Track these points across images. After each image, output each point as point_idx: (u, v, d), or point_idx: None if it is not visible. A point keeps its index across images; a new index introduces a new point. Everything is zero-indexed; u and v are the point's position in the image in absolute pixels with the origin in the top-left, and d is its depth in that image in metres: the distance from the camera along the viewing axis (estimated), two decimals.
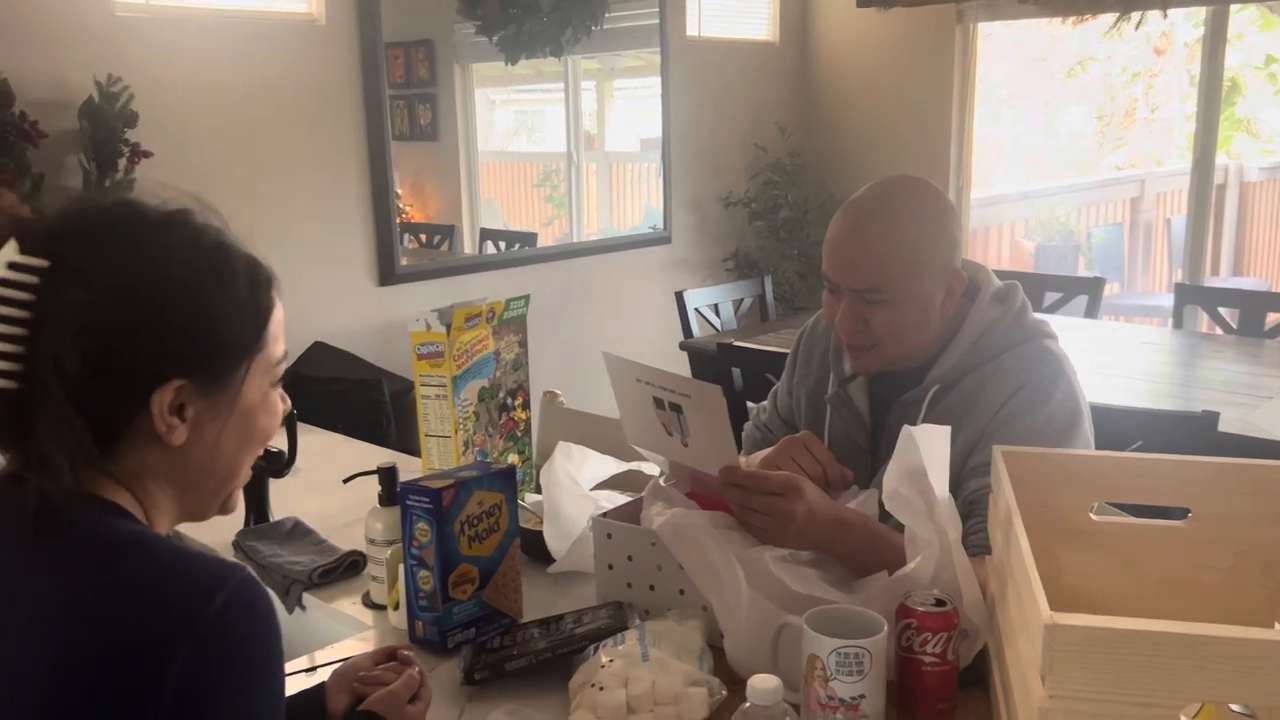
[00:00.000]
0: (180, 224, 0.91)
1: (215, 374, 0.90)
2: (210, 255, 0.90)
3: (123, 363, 0.86)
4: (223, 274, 0.90)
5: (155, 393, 0.87)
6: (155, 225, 0.90)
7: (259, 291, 0.93)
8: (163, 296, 0.87)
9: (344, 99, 3.53)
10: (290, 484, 1.82)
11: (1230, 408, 2.30)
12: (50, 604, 0.81)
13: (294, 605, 1.55)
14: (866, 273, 1.43)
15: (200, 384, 0.89)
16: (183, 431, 0.88)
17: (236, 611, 0.80)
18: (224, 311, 0.90)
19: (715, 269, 4.86)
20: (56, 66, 2.87)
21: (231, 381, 0.91)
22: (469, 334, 1.66)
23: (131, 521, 0.87)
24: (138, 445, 0.88)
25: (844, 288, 1.45)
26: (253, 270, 0.93)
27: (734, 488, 1.27)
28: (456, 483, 1.32)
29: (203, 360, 0.89)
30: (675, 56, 4.52)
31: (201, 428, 0.90)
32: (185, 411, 0.89)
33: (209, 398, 0.90)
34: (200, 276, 0.89)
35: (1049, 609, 0.85)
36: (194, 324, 0.89)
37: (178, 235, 0.90)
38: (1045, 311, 3.58)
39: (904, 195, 1.47)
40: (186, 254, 0.89)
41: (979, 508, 1.39)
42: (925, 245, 1.43)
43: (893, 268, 1.41)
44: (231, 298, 0.91)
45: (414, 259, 3.89)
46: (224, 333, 0.90)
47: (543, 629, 1.33)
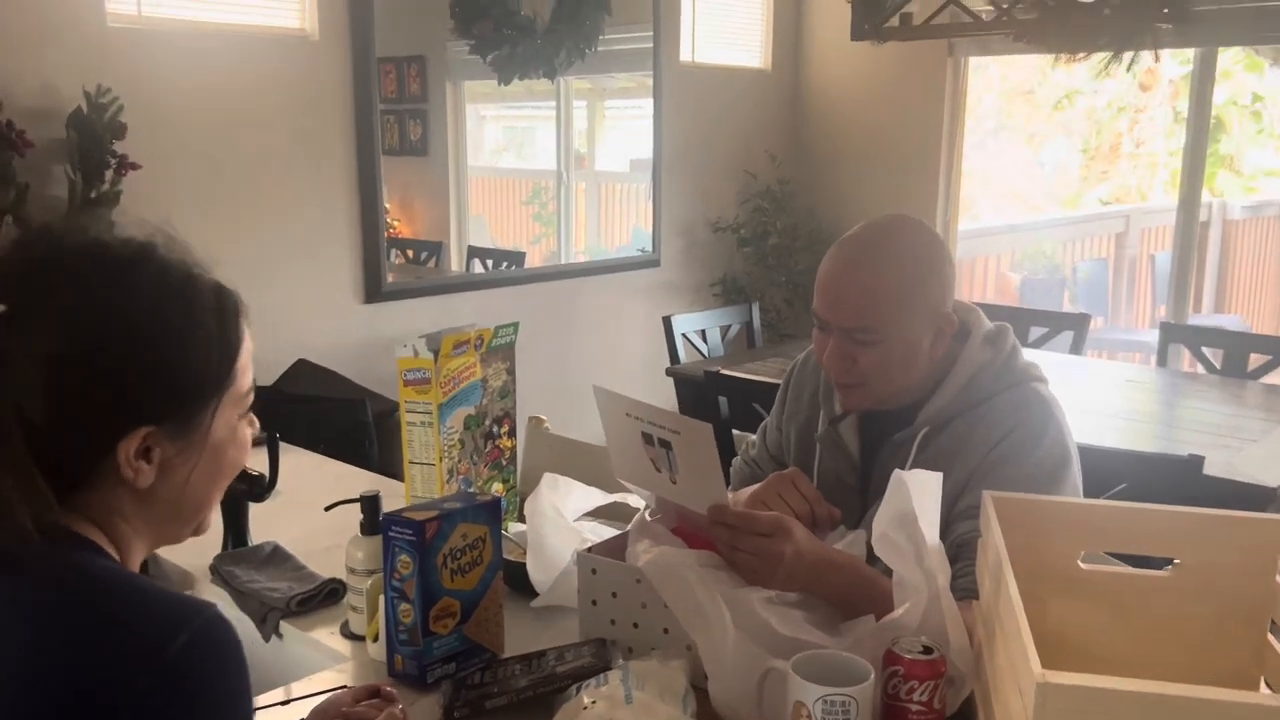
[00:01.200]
0: (146, 262, 0.87)
1: (183, 417, 0.88)
2: (178, 295, 0.88)
3: (88, 412, 0.83)
4: (191, 313, 0.88)
5: (121, 441, 0.84)
6: (121, 266, 0.86)
7: (227, 326, 0.91)
8: (130, 343, 0.84)
9: (335, 114, 3.52)
10: (270, 506, 1.79)
11: (1215, 450, 2.30)
12: (13, 641, 0.79)
13: (271, 633, 1.52)
14: (855, 312, 1.42)
15: (168, 428, 0.87)
16: (150, 474, 0.87)
17: (200, 652, 0.78)
18: (192, 353, 0.88)
19: (703, 293, 4.86)
20: (46, 76, 2.85)
21: (200, 422, 0.89)
22: (456, 361, 1.65)
23: (100, 556, 0.85)
24: (105, 487, 0.86)
25: (833, 325, 1.45)
26: (220, 304, 0.91)
27: (722, 527, 1.26)
28: (440, 515, 1.30)
29: (170, 405, 0.87)
30: (668, 81, 4.54)
31: (169, 469, 0.88)
32: (152, 455, 0.87)
33: (177, 441, 0.88)
34: (168, 319, 0.87)
35: (1040, 666, 0.84)
36: (161, 369, 0.86)
37: (144, 275, 0.87)
38: (1031, 346, 3.60)
39: (896, 236, 1.47)
40: (153, 295, 0.86)
41: (967, 550, 1.39)
42: (915, 287, 1.43)
43: (881, 308, 1.41)
44: (200, 337, 0.88)
45: (401, 275, 3.87)
46: (192, 375, 0.88)
47: (524, 665, 1.31)
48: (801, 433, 1.65)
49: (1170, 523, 1.22)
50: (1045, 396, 1.49)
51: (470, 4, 3.77)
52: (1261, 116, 7.41)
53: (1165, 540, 1.22)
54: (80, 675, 0.77)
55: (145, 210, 1.95)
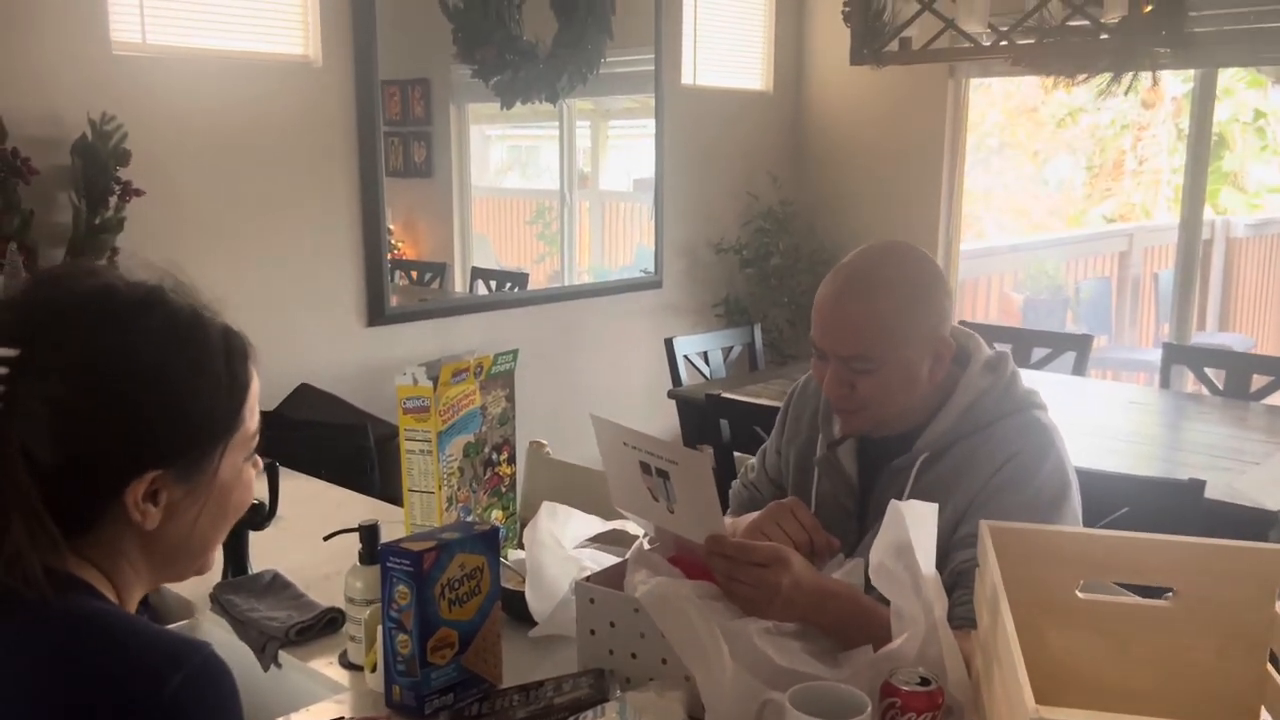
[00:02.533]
0: (155, 306, 0.88)
1: (191, 461, 0.89)
2: (187, 340, 0.88)
3: (97, 456, 0.84)
4: (200, 358, 0.89)
5: (130, 485, 0.85)
6: (130, 311, 0.87)
7: (235, 369, 0.91)
8: (139, 388, 0.85)
9: (338, 140, 3.54)
10: (271, 533, 1.79)
11: (1216, 473, 2.30)
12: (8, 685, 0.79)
13: (270, 663, 1.52)
14: (851, 341, 1.43)
15: (176, 471, 0.88)
16: (156, 517, 0.87)
17: (195, 691, 0.78)
18: (201, 398, 0.89)
19: (705, 314, 4.87)
20: (51, 104, 2.88)
21: (208, 465, 0.90)
22: (455, 389, 1.65)
23: (97, 599, 0.85)
24: (109, 528, 0.87)
25: (830, 354, 1.46)
26: (229, 347, 0.91)
27: (719, 557, 1.26)
28: (438, 545, 1.30)
29: (179, 449, 0.88)
30: (670, 103, 4.56)
31: (176, 512, 0.89)
32: (159, 498, 0.87)
33: (185, 484, 0.89)
34: (177, 363, 0.87)
35: (1033, 701, 0.83)
36: (170, 414, 0.87)
37: (153, 320, 0.87)
38: (1033, 367, 3.60)
39: (891, 263, 1.47)
40: (162, 340, 0.87)
41: (965, 579, 1.38)
42: (910, 314, 1.43)
43: (876, 337, 1.42)
44: (208, 382, 0.89)
45: (405, 296, 3.88)
46: (201, 419, 0.89)
47: (522, 696, 1.31)
48: (800, 456, 1.66)
49: (1169, 552, 1.21)
50: (1045, 424, 1.49)
51: (472, 30, 3.79)
52: (1265, 133, 7.43)
53: (1164, 570, 1.22)
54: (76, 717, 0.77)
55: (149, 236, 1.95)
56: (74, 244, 2.79)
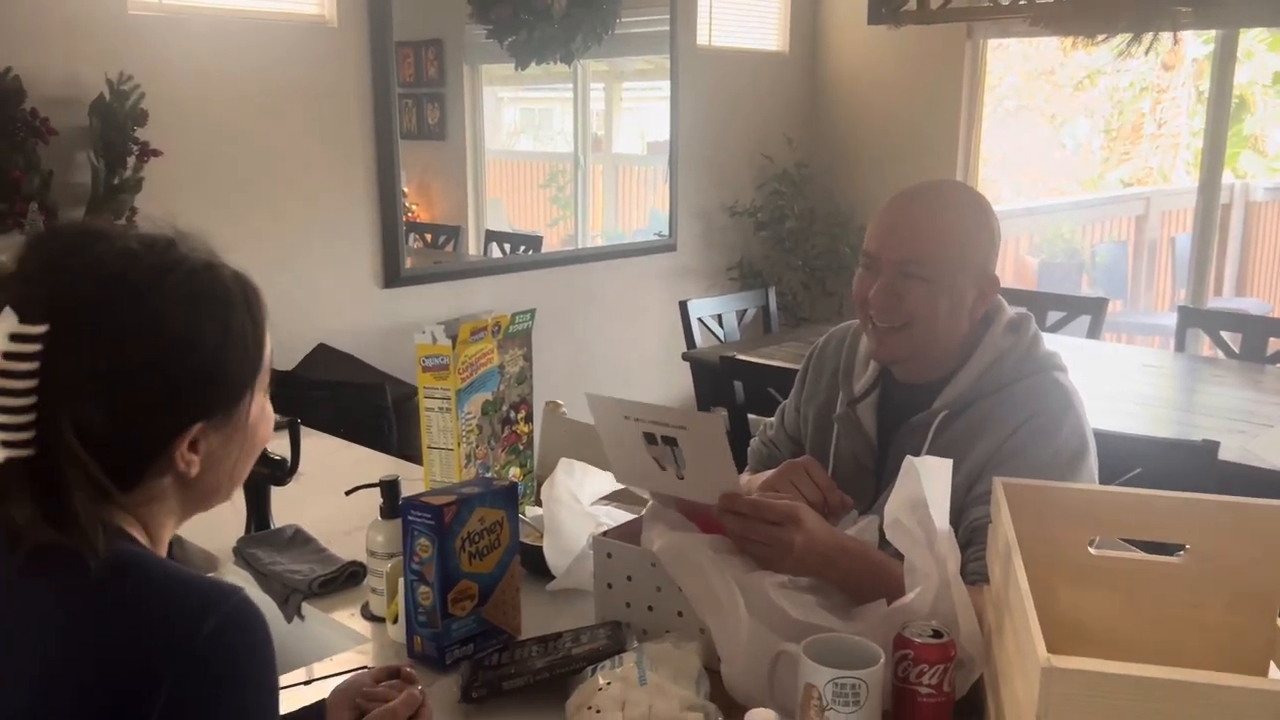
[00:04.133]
0: (174, 266, 0.89)
1: (228, 409, 0.92)
2: (209, 296, 0.90)
3: (144, 419, 0.87)
4: (225, 311, 0.91)
5: (175, 441, 0.88)
6: (154, 275, 0.88)
7: (256, 314, 0.94)
8: (174, 352, 0.87)
9: (353, 100, 3.54)
10: (292, 489, 1.82)
11: (1230, 435, 2.30)
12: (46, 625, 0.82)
13: (293, 615, 1.55)
14: (912, 244, 1.45)
15: (215, 421, 0.91)
16: (198, 465, 0.91)
17: (229, 636, 0.80)
18: (231, 348, 0.91)
19: (719, 278, 4.87)
20: (69, 64, 2.88)
21: (242, 410, 0.93)
22: (474, 347, 1.67)
23: (131, 543, 0.87)
24: (153, 480, 0.90)
25: (884, 259, 1.47)
26: (247, 294, 0.94)
27: (733, 515, 1.27)
28: (458, 499, 1.32)
29: (218, 400, 0.91)
30: (685, 65, 4.53)
31: (215, 457, 0.92)
32: (199, 447, 0.90)
33: (223, 430, 0.92)
34: (205, 321, 0.89)
35: (1046, 651, 0.85)
36: (206, 370, 0.89)
37: (176, 281, 0.88)
38: (1048, 331, 3.59)
39: (955, 189, 1.56)
40: (188, 300, 0.89)
41: (980, 535, 1.40)
42: (970, 237, 1.47)
43: (937, 245, 1.45)
44: (235, 331, 0.91)
45: (419, 259, 3.89)
46: (233, 368, 0.92)
47: (541, 647, 1.33)
48: (820, 414, 1.67)
49: (1181, 509, 1.22)
50: (1065, 386, 1.50)
51: None
52: None
53: (1176, 527, 1.23)
54: (111, 661, 0.79)
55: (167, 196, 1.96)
56: (93, 204, 2.81)
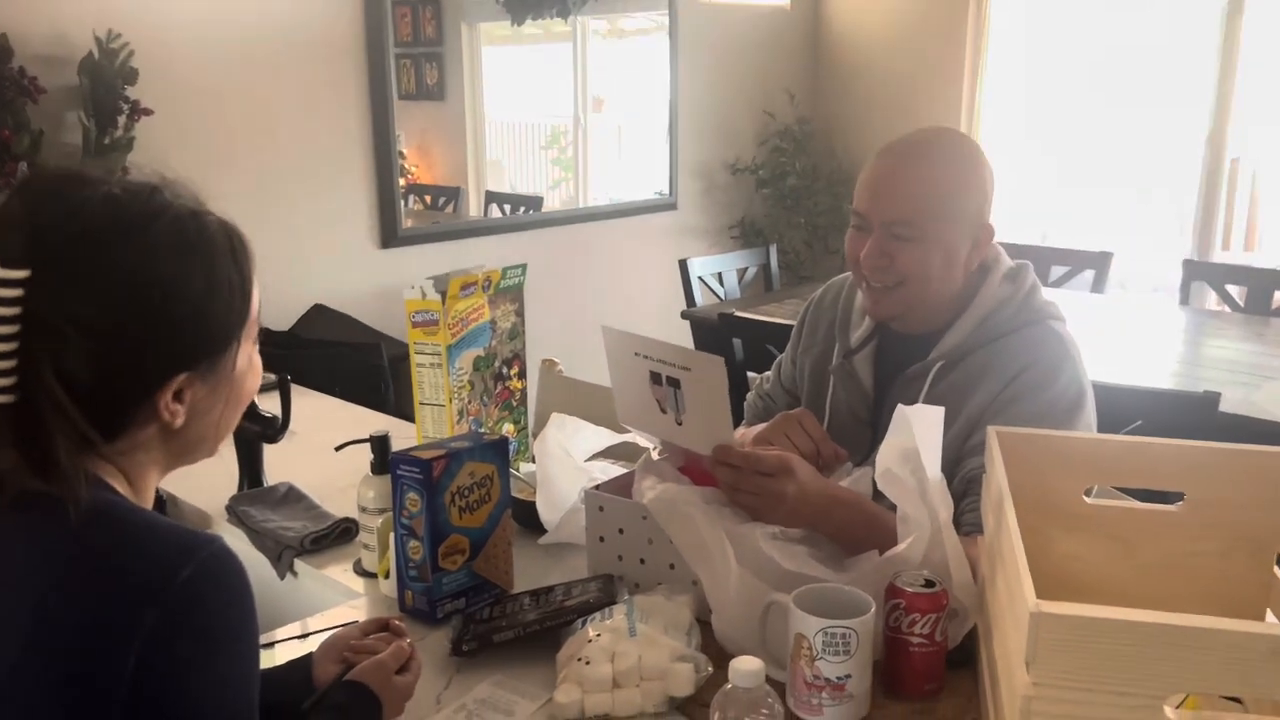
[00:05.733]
0: (160, 213, 0.87)
1: (213, 358, 0.91)
2: (195, 243, 0.89)
3: (128, 366, 0.85)
4: (210, 259, 0.89)
5: (160, 390, 0.87)
6: (138, 222, 0.86)
7: (241, 263, 0.92)
8: (158, 299, 0.86)
9: (348, 58, 3.49)
10: (285, 448, 1.81)
11: (1233, 387, 2.28)
12: (23, 571, 0.81)
13: (285, 571, 1.55)
14: (899, 205, 1.42)
15: (200, 371, 0.90)
16: (183, 415, 0.90)
17: (204, 583, 0.80)
18: (217, 297, 0.90)
19: (721, 236, 4.83)
20: (57, 22, 2.84)
21: (228, 360, 0.92)
22: (464, 302, 1.65)
23: (110, 493, 0.86)
24: (136, 429, 0.89)
25: (873, 220, 1.44)
26: (233, 243, 0.92)
27: (725, 467, 1.26)
28: (448, 453, 1.31)
29: (202, 350, 0.90)
30: (684, 20, 4.47)
31: (200, 408, 0.91)
32: (184, 397, 0.89)
33: (208, 380, 0.91)
34: (191, 269, 0.88)
35: (1034, 596, 0.84)
36: (191, 318, 0.88)
37: (161, 228, 0.87)
38: (1051, 286, 3.56)
39: (943, 140, 1.50)
40: (173, 247, 0.87)
41: (976, 486, 1.38)
42: (959, 189, 1.43)
43: (925, 203, 1.41)
44: (220, 280, 0.90)
45: (419, 220, 3.87)
46: (219, 317, 0.90)
47: (532, 600, 1.33)
48: (816, 366, 1.65)
49: (1177, 457, 1.21)
50: (1063, 335, 1.48)
51: None
52: None
53: (1172, 474, 1.21)
54: (89, 609, 0.79)
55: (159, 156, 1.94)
56: (85, 164, 2.78)
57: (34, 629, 0.79)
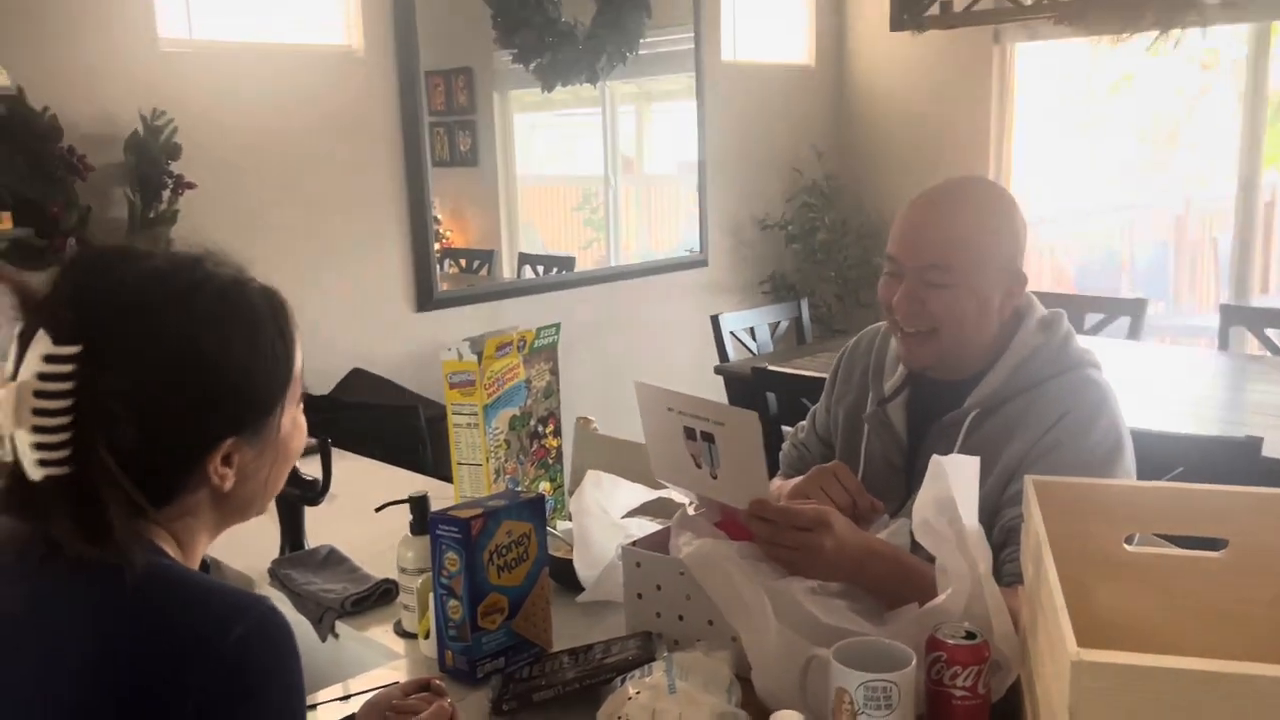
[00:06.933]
0: (204, 284, 0.90)
1: (260, 422, 0.93)
2: (240, 311, 0.91)
3: (177, 435, 0.88)
4: (254, 327, 0.92)
5: (209, 456, 0.89)
6: (183, 294, 0.89)
7: (284, 327, 0.95)
8: (205, 369, 0.88)
9: (383, 128, 3.58)
10: (326, 511, 1.84)
11: (1276, 432, 2.25)
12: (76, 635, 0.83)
13: (327, 633, 1.56)
14: (932, 250, 1.43)
15: (248, 435, 0.92)
16: (232, 478, 0.92)
17: (256, 642, 0.81)
18: (261, 362, 0.92)
19: (752, 292, 4.86)
20: (103, 102, 2.95)
21: (273, 423, 0.94)
22: (500, 363, 1.68)
23: (162, 557, 0.89)
24: (187, 495, 0.91)
25: (906, 266, 1.45)
26: (275, 309, 0.95)
27: (761, 521, 1.26)
28: (485, 512, 1.32)
29: (249, 415, 0.92)
30: (711, 81, 4.54)
31: (249, 471, 0.94)
32: (233, 460, 0.91)
33: (255, 444, 0.93)
34: (235, 337, 0.90)
35: (1075, 644, 0.83)
36: (237, 386, 0.90)
37: (206, 299, 0.90)
38: (1087, 333, 3.54)
39: (977, 187, 1.52)
40: (218, 317, 0.90)
41: (1016, 536, 1.37)
42: (991, 236, 1.45)
43: (958, 249, 1.42)
44: (264, 345, 0.93)
45: (454, 284, 3.92)
46: (264, 384, 0.93)
47: (571, 659, 1.33)
48: (850, 414, 1.65)
49: (1219, 503, 1.20)
50: (1100, 383, 1.47)
51: (511, 14, 3.81)
52: None
53: (1215, 521, 1.20)
54: (139, 670, 0.80)
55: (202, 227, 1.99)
56: (129, 238, 2.86)
57: (89, 689, 0.80)
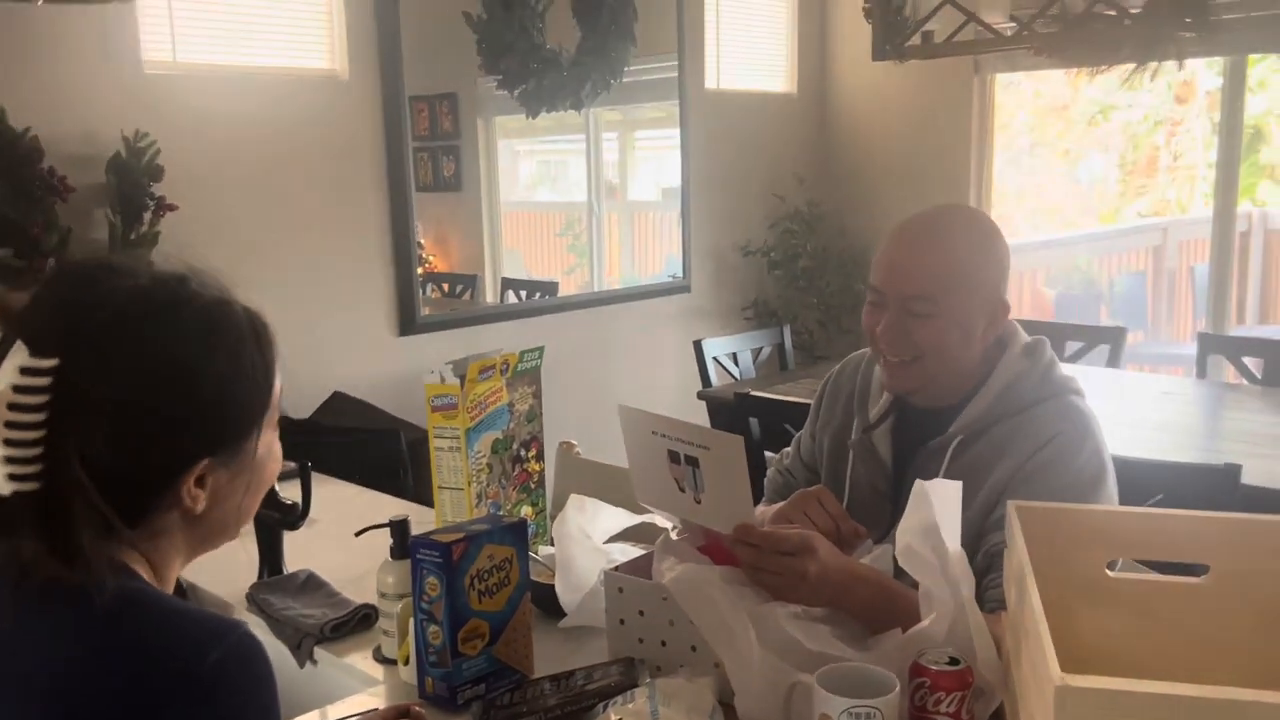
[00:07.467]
0: (185, 302, 0.90)
1: (235, 444, 0.92)
2: (221, 331, 0.91)
3: (151, 453, 0.87)
4: (234, 348, 0.91)
5: (183, 475, 0.88)
6: (164, 311, 0.89)
7: (265, 352, 0.94)
8: (182, 387, 0.87)
9: (366, 152, 3.58)
10: (305, 535, 1.82)
11: (1254, 459, 2.26)
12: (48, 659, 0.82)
13: (305, 659, 1.54)
14: (916, 280, 1.43)
15: (222, 457, 0.91)
16: (204, 500, 0.91)
17: (232, 667, 0.80)
18: (240, 384, 0.92)
19: (734, 317, 4.87)
20: (86, 123, 2.94)
21: (248, 446, 0.93)
22: (483, 386, 1.67)
23: (135, 580, 0.87)
24: (159, 515, 0.90)
25: (890, 296, 1.46)
26: (257, 332, 0.94)
27: (746, 546, 1.26)
28: (467, 536, 1.31)
29: (225, 436, 0.91)
30: (694, 108, 4.57)
31: (222, 494, 0.92)
32: (206, 482, 0.90)
33: (230, 467, 0.92)
34: (214, 357, 0.90)
35: (1059, 670, 0.83)
36: (215, 403, 0.90)
37: (186, 317, 0.89)
38: (1066, 361, 3.56)
39: (959, 216, 1.53)
40: (198, 336, 0.89)
41: (999, 561, 1.38)
42: (975, 264, 1.45)
43: (942, 279, 1.43)
44: (244, 367, 0.92)
45: (437, 308, 3.92)
46: (242, 403, 0.92)
47: (553, 685, 1.32)
48: (835, 440, 1.65)
49: (1200, 529, 1.20)
50: (1082, 409, 1.48)
51: (496, 40, 3.83)
52: None
53: (1196, 547, 1.20)
54: (112, 694, 0.79)
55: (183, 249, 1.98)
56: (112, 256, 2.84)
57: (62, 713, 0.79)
